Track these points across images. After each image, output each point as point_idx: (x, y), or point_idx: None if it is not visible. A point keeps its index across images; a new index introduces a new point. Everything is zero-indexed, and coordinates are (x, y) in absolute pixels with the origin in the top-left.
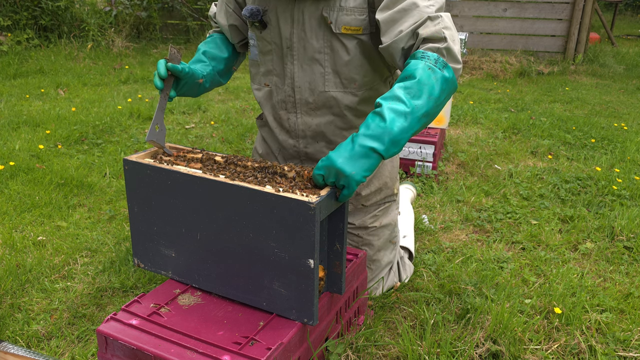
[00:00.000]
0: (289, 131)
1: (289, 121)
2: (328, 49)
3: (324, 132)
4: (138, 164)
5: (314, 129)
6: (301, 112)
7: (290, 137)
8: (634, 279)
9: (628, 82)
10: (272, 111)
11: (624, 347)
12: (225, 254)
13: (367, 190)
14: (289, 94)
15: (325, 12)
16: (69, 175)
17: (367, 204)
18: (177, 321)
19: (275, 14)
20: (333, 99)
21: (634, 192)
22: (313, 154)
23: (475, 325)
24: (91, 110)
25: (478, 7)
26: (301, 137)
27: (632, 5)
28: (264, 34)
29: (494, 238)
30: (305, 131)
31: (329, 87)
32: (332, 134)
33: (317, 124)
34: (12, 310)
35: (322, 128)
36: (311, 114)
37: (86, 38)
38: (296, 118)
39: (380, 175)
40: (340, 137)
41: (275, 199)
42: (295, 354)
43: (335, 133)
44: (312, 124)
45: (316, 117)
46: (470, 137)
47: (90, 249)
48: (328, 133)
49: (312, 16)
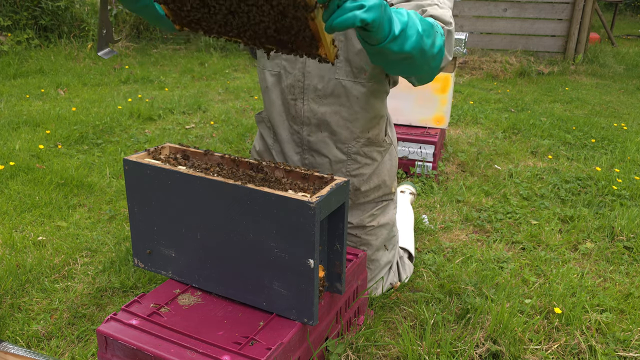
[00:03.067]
0: (295, 117)
1: (295, 107)
2: (342, 35)
3: (328, 121)
4: (138, 164)
5: (319, 117)
6: (308, 99)
7: (295, 123)
8: (634, 279)
9: (628, 82)
10: (280, 95)
11: (624, 347)
12: (225, 253)
13: (366, 187)
14: (298, 78)
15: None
16: (69, 175)
17: (365, 201)
18: (177, 321)
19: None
20: (342, 87)
21: (634, 192)
22: (315, 143)
23: (475, 325)
24: (91, 110)
25: (478, 7)
26: (306, 124)
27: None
28: None
29: (494, 238)
30: (311, 119)
31: (340, 75)
32: (337, 125)
33: (322, 112)
34: (12, 310)
35: (327, 117)
36: (318, 102)
37: (86, 38)
38: (302, 104)
39: (379, 172)
40: (344, 129)
41: (275, 198)
42: (295, 354)
43: (340, 124)
44: (317, 112)
45: (322, 105)
46: (470, 137)
47: (90, 249)
48: (332, 123)
49: None
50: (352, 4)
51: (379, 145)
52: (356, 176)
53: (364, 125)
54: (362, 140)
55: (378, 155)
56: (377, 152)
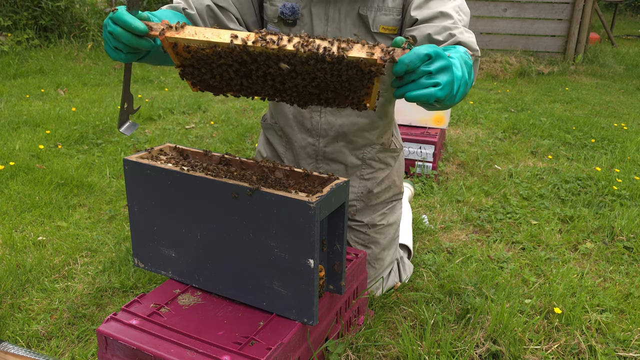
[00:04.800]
0: (310, 130)
1: (311, 120)
2: None
3: (346, 132)
4: (138, 164)
5: (337, 129)
6: (325, 112)
7: (310, 136)
8: (634, 279)
9: (628, 82)
10: (293, 109)
11: (624, 347)
12: (225, 254)
13: (379, 188)
14: None
15: (362, 11)
16: (69, 175)
17: (377, 202)
18: (177, 321)
19: (309, 11)
20: None
21: (634, 192)
22: (331, 153)
23: (475, 325)
24: (91, 110)
25: (478, 7)
26: (322, 136)
27: (632, 6)
28: (293, 30)
29: (494, 238)
30: (328, 131)
31: None
32: (354, 135)
33: (340, 124)
34: (12, 310)
35: (345, 128)
36: (335, 114)
37: (86, 38)
38: (320, 117)
39: (390, 175)
40: (360, 137)
41: (275, 199)
42: (295, 354)
43: (357, 134)
44: (335, 124)
45: (340, 117)
46: (470, 137)
47: (90, 249)
48: (350, 133)
49: (349, 15)
50: (427, 80)
51: (393, 150)
52: (369, 180)
53: (380, 132)
54: (377, 146)
55: (392, 161)
56: (391, 158)
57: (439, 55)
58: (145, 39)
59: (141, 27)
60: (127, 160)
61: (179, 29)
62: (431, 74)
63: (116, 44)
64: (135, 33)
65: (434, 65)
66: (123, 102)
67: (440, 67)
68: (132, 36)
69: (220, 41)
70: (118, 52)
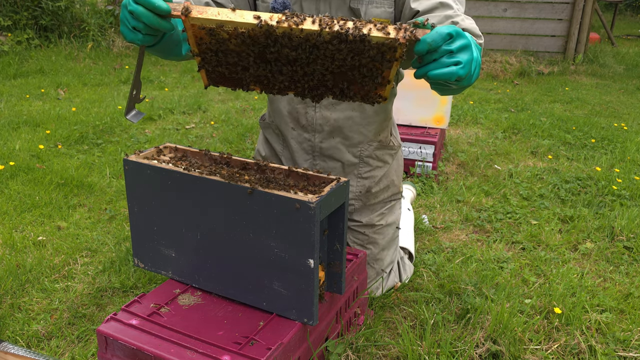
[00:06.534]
0: (305, 126)
1: (306, 115)
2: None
3: (341, 127)
4: (138, 164)
5: (332, 124)
6: (320, 106)
7: (305, 132)
8: (634, 279)
9: (628, 82)
10: (287, 106)
11: (624, 347)
12: (225, 254)
13: (377, 188)
14: None
15: (353, 4)
16: (69, 175)
17: (376, 201)
18: (177, 321)
19: (299, 6)
20: None
21: (634, 192)
22: (327, 149)
23: (475, 325)
24: (91, 110)
25: (478, 7)
26: (318, 131)
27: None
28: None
29: (494, 238)
30: (323, 126)
31: None
32: (350, 130)
33: (335, 118)
34: (12, 310)
35: (340, 123)
36: (330, 108)
37: (86, 38)
38: (315, 112)
39: (388, 173)
40: (357, 133)
41: (275, 199)
42: (295, 354)
43: (353, 129)
44: (330, 119)
45: (335, 112)
46: (470, 137)
47: (90, 249)
48: (345, 128)
49: (340, 9)
50: (449, 59)
51: (391, 148)
52: (367, 178)
53: (376, 128)
54: (374, 143)
55: (390, 158)
56: (388, 155)
57: (460, 35)
58: (167, 20)
59: (164, 6)
60: (127, 160)
61: (202, 10)
62: (452, 52)
63: (135, 24)
64: (157, 13)
65: (455, 44)
66: (132, 88)
67: (461, 46)
68: (154, 16)
69: (245, 21)
70: (136, 33)
